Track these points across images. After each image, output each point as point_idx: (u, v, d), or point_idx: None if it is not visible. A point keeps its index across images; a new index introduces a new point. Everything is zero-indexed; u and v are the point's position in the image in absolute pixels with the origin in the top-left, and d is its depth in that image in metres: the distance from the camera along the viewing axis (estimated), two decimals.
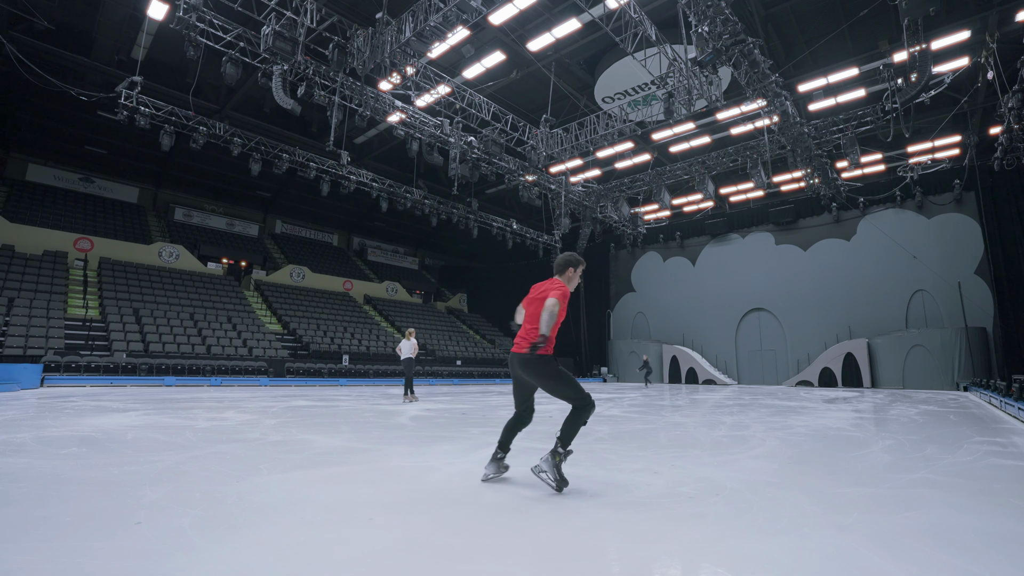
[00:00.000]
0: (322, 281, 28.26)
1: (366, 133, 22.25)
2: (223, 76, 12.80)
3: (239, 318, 20.71)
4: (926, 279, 20.13)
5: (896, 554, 1.99)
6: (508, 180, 20.57)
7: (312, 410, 8.09)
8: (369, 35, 12.68)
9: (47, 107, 19.46)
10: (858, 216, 22.12)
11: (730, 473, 3.54)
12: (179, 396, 10.77)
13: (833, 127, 17.12)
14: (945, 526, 2.37)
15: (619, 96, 17.97)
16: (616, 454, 4.33)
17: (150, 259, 22.42)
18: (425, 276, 37.63)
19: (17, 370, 12.38)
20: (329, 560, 1.87)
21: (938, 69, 14.02)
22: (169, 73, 17.86)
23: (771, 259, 24.39)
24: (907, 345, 19.32)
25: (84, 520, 2.28)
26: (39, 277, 17.71)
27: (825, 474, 3.57)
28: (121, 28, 16.10)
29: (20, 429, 5.19)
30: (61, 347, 14.59)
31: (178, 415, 6.86)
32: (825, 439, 5.39)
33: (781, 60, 15.77)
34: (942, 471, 3.68)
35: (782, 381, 22.87)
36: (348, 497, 2.77)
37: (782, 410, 9.04)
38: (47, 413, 6.87)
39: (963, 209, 19.77)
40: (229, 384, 15.91)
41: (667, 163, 21.81)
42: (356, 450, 4.38)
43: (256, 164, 17.84)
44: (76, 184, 24.52)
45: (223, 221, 28.68)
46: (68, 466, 3.44)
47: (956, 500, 2.85)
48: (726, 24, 11.35)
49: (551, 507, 2.60)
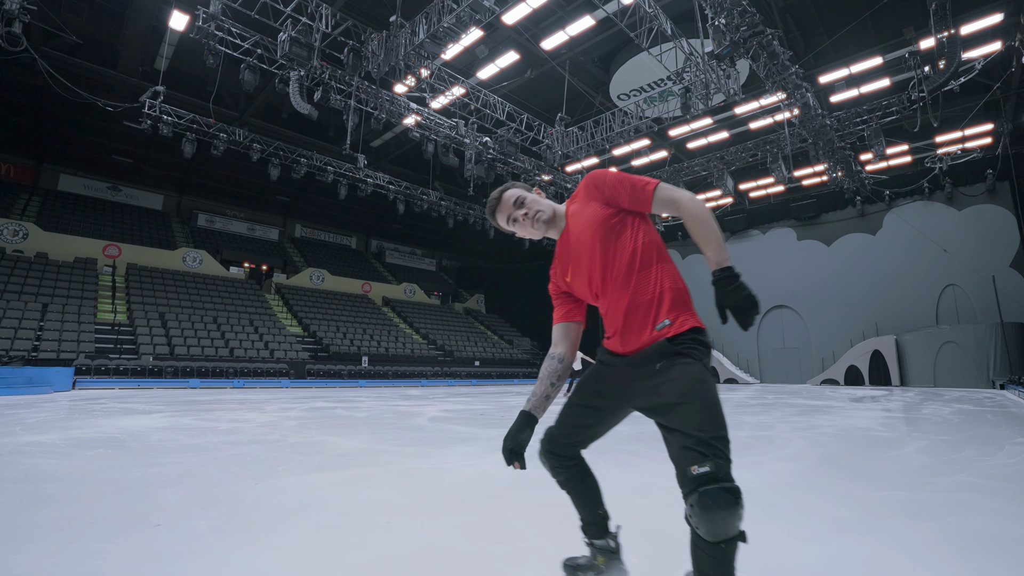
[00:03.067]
0: (341, 284, 28.60)
1: (382, 136, 22.45)
2: (242, 83, 13.03)
3: (260, 321, 21.08)
4: (957, 273, 19.43)
5: (940, 564, 1.88)
6: (524, 180, 20.52)
7: (331, 411, 8.16)
8: (383, 38, 12.77)
9: (76, 119, 20.11)
10: (884, 209, 21.47)
11: (756, 476, 3.43)
12: (203, 398, 10.98)
13: (856, 118, 16.64)
14: (990, 534, 2.24)
15: (635, 93, 17.77)
16: (638, 455, 4.24)
17: (175, 264, 22.98)
18: (443, 277, 37.82)
19: (50, 373, 12.79)
20: (345, 565, 1.84)
21: (968, 55, 13.50)
22: (190, 82, 18.28)
23: (793, 255, 23.84)
24: (938, 342, 18.67)
25: (106, 522, 2.30)
26: (71, 283, 18.30)
27: (856, 477, 3.43)
28: (144, 40, 16.55)
29: (51, 430, 5.33)
30: (91, 351, 15.03)
31: (201, 417, 6.98)
32: (854, 440, 5.20)
33: (801, 51, 15.39)
34: (983, 474, 3.50)
35: (806, 380, 22.32)
36: (365, 499, 2.75)
37: (807, 409, 8.80)
38: (77, 415, 7.06)
39: (997, 200, 19.02)
40: (251, 386, 16.20)
41: (684, 160, 21.49)
42: (374, 452, 4.38)
43: (275, 169, 18.14)
44: (104, 193, 25.28)
45: (244, 226, 29.25)
46: (94, 467, 3.50)
47: (1000, 506, 2.70)
48: (743, 16, 11.11)
49: (572, 512, 2.54)
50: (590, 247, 1.43)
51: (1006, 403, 10.30)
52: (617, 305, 1.40)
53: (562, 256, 1.54)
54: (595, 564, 1.59)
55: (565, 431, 1.50)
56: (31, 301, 16.14)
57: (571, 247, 1.50)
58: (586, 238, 1.44)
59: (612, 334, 1.44)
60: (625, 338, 1.39)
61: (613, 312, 1.42)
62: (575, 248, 1.49)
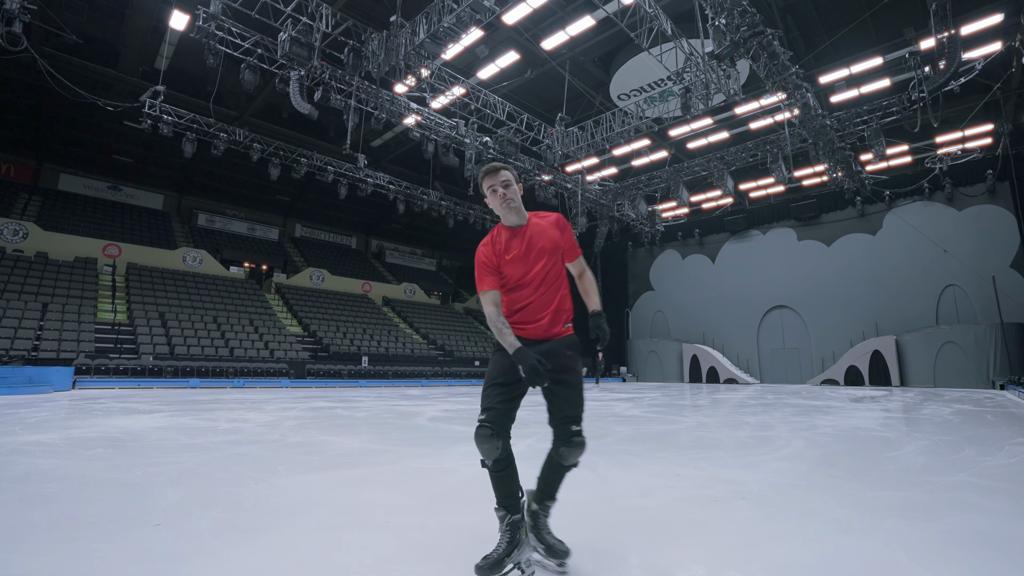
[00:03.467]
0: (341, 283, 28.58)
1: (382, 136, 22.45)
2: (242, 83, 13.04)
3: (260, 321, 21.07)
4: (957, 273, 19.42)
5: (940, 564, 1.88)
6: (524, 180, 20.52)
7: (331, 411, 8.16)
8: (384, 38, 12.77)
9: (77, 118, 20.11)
10: (884, 210, 21.46)
11: (756, 475, 3.43)
12: (203, 398, 10.98)
13: (856, 119, 16.63)
14: (990, 534, 2.24)
15: (635, 93, 17.77)
16: (637, 456, 4.24)
17: (175, 264, 22.96)
18: (443, 277, 37.81)
19: (50, 373, 12.77)
20: (344, 565, 1.84)
21: (968, 55, 13.50)
22: (190, 82, 18.27)
23: (793, 255, 23.83)
24: (938, 342, 18.66)
25: (106, 521, 2.30)
26: (71, 283, 18.29)
27: (856, 477, 3.43)
28: (145, 39, 16.54)
29: (51, 430, 5.33)
30: (91, 350, 15.02)
31: (201, 416, 6.98)
32: (854, 440, 5.20)
33: (801, 51, 15.38)
34: (983, 474, 3.50)
35: (806, 380, 22.31)
36: (365, 499, 2.75)
37: (807, 410, 8.80)
38: (77, 414, 7.06)
39: (997, 200, 19.01)
40: (251, 386, 16.19)
41: (685, 160, 21.49)
42: (374, 451, 4.38)
43: (275, 169, 18.13)
44: (104, 192, 25.27)
45: (244, 226, 29.23)
46: (94, 467, 3.50)
47: (1000, 506, 2.70)
48: (744, 16, 11.11)
49: (570, 512, 2.54)
50: (538, 253, 1.96)
51: (1006, 403, 10.30)
52: (547, 303, 1.95)
53: (510, 243, 1.98)
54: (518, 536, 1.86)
55: (507, 409, 1.84)
56: (31, 301, 16.13)
57: (524, 241, 1.97)
58: (538, 244, 1.97)
59: (537, 320, 1.95)
60: (550, 329, 1.96)
61: (540, 306, 1.95)
62: (527, 244, 1.96)
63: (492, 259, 1.96)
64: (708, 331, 25.83)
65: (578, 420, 1.84)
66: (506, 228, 2.00)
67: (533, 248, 1.95)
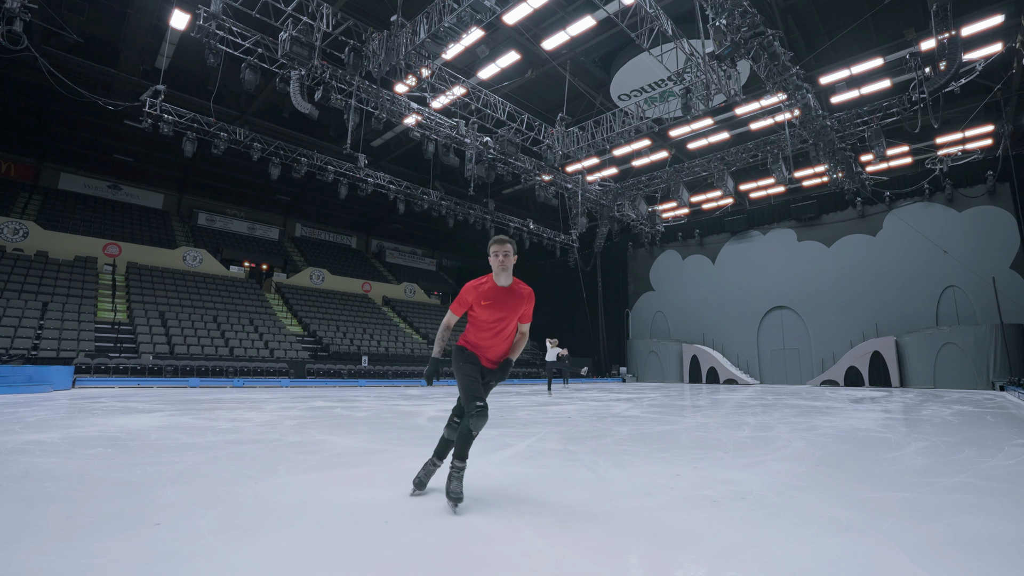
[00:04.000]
0: (341, 283, 28.59)
1: (383, 136, 22.46)
2: (242, 82, 13.03)
3: (260, 320, 21.07)
4: (957, 274, 19.42)
5: (940, 564, 1.88)
6: (524, 180, 20.52)
7: (331, 411, 8.16)
8: (384, 38, 12.77)
9: (77, 117, 20.11)
10: (884, 211, 21.45)
11: (755, 476, 3.42)
12: (203, 397, 10.98)
13: (857, 119, 16.63)
14: (989, 535, 2.24)
15: (635, 93, 17.78)
16: (637, 456, 4.24)
17: (175, 263, 22.97)
18: (443, 277, 37.82)
19: (50, 372, 12.77)
20: (343, 565, 1.84)
21: (969, 56, 13.51)
22: (191, 81, 18.28)
23: (793, 256, 23.82)
24: (938, 343, 18.66)
25: (105, 521, 2.30)
26: (71, 282, 18.29)
27: (856, 478, 3.43)
28: (145, 39, 16.55)
29: (51, 429, 5.33)
30: (91, 349, 15.03)
31: (201, 416, 6.98)
32: (854, 440, 5.20)
33: (802, 52, 15.39)
34: (982, 475, 3.50)
35: (806, 380, 22.31)
36: (364, 499, 2.75)
37: (807, 410, 8.80)
38: (77, 414, 7.06)
39: (997, 201, 19.01)
40: (251, 385, 16.18)
41: (685, 160, 21.49)
42: (373, 451, 4.38)
43: (275, 168, 18.12)
44: (104, 191, 25.28)
45: (244, 225, 29.25)
46: (94, 466, 3.50)
47: (1000, 506, 2.70)
48: (744, 16, 11.11)
49: (572, 512, 2.54)
50: (505, 312, 2.66)
51: (1006, 404, 10.30)
52: (502, 346, 2.77)
53: (489, 294, 2.63)
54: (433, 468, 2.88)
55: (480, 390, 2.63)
56: (31, 300, 16.14)
57: (502, 298, 2.64)
58: (511, 304, 2.67)
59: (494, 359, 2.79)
60: (497, 363, 2.80)
61: (497, 349, 2.76)
62: (504, 300, 2.65)
63: (471, 298, 2.64)
64: (708, 331, 25.83)
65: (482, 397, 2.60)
66: (495, 283, 2.65)
67: (504, 307, 2.64)
